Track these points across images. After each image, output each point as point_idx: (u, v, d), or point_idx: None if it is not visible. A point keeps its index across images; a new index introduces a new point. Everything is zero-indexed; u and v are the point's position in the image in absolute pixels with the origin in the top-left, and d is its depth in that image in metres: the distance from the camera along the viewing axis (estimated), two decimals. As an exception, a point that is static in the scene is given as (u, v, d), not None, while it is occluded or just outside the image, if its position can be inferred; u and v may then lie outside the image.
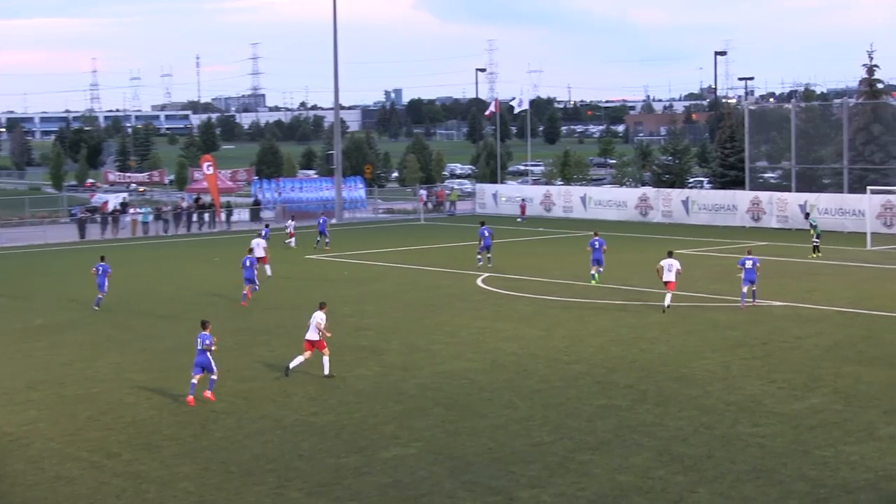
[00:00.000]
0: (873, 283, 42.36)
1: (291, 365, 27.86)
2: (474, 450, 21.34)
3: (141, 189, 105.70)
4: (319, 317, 27.88)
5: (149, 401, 25.82)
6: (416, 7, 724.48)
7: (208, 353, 25.44)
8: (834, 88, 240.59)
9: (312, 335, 27.80)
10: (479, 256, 49.13)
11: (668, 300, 36.25)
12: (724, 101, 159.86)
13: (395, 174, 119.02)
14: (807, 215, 54.62)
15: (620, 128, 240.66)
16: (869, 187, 59.02)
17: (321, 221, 59.57)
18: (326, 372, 27.70)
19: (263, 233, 50.54)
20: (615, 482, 19.37)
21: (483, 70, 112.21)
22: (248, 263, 40.18)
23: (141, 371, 29.11)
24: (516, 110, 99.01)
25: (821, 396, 24.74)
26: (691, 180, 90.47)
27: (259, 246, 45.15)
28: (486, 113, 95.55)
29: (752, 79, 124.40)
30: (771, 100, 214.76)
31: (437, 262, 51.28)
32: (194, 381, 25.49)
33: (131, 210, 76.72)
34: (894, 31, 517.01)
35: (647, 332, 32.69)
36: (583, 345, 31.13)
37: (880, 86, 77.02)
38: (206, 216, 76.87)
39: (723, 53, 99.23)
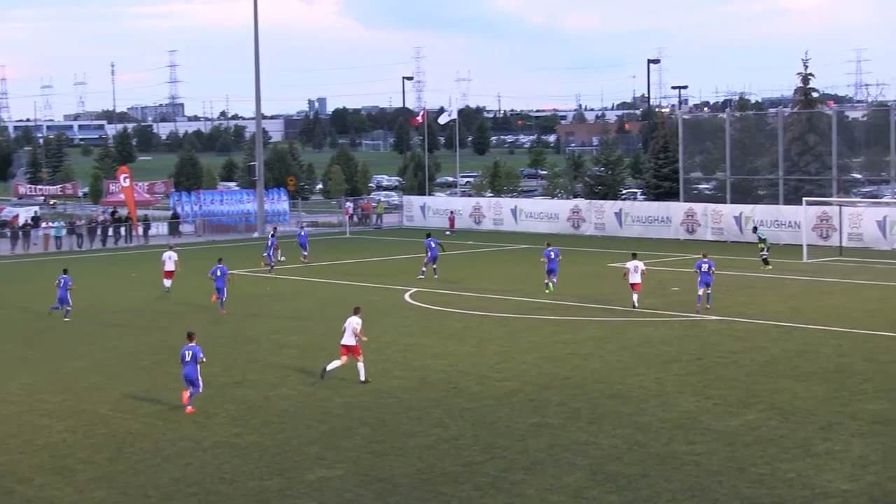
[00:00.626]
0: (809, 296, 42.28)
1: (328, 367, 28.26)
2: (402, 471, 20.74)
3: (53, 202, 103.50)
4: (355, 322, 28.11)
5: (62, 422, 24.98)
6: (341, 14, 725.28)
7: (198, 366, 25.41)
8: (769, 97, 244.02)
9: (349, 340, 28.07)
10: (424, 269, 48.82)
11: (635, 299, 38.28)
12: (657, 110, 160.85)
13: (320, 186, 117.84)
14: (755, 229, 54.48)
15: (552, 138, 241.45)
16: (805, 198, 59.22)
17: (302, 234, 58.01)
18: (362, 378, 27.96)
19: (271, 240, 52.86)
20: (548, 502, 18.91)
21: (410, 78, 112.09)
22: (219, 273, 40.81)
23: (53, 392, 28.17)
24: (445, 121, 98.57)
25: (757, 413, 24.40)
26: (624, 192, 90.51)
27: (170, 259, 45.70)
28: (415, 119, 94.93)
29: (685, 87, 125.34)
30: (705, 109, 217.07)
31: (363, 277, 50.56)
32: (187, 393, 25.51)
33: (43, 224, 75.13)
34: (829, 40, 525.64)
35: (581, 348, 32.21)
36: (515, 361, 30.57)
37: (815, 95, 77.46)
38: (123, 230, 75.21)
39: (656, 61, 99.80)
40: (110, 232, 74.21)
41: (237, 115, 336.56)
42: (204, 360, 25.69)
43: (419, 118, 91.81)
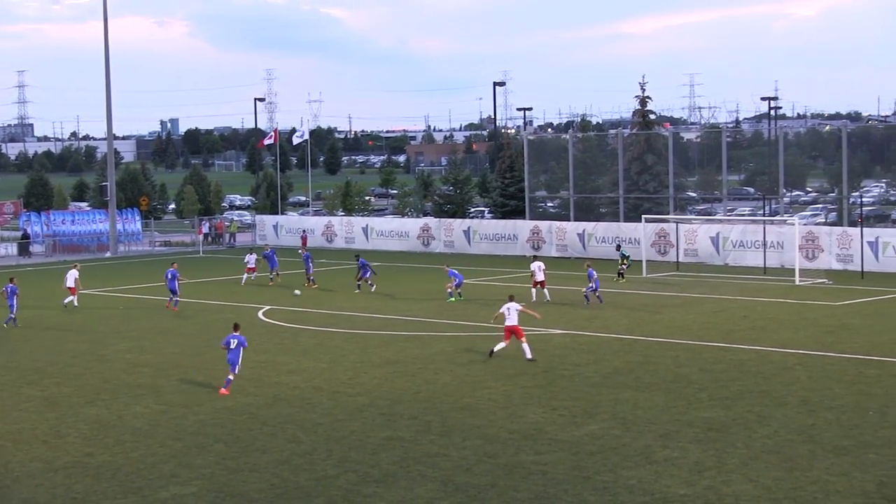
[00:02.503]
0: (649, 309, 43.56)
1: (495, 349, 31.99)
2: (256, 486, 20.89)
3: None
4: (515, 306, 32.06)
5: None
6: (192, 35, 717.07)
7: (241, 352, 29.00)
8: (609, 119, 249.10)
9: (512, 321, 31.66)
10: (360, 283, 50.42)
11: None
12: (503, 131, 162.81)
13: (173, 206, 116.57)
14: (618, 247, 55.69)
15: (402, 158, 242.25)
16: (644, 216, 60.79)
17: (306, 256, 55.83)
18: (529, 356, 31.64)
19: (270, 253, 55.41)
20: (400, 515, 19.18)
21: (262, 100, 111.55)
22: (169, 276, 44.32)
23: None
24: (296, 141, 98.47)
25: (600, 422, 25.15)
26: (472, 210, 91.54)
27: (72, 277, 46.68)
28: (261, 142, 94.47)
29: (530, 109, 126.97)
30: (549, 130, 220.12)
31: (216, 296, 50.40)
32: (230, 377, 28.77)
33: None
34: (665, 64, 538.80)
35: (431, 363, 32.74)
36: (367, 376, 30.94)
37: (653, 116, 79.68)
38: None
39: (502, 84, 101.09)
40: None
41: (88, 135, 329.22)
42: (247, 345, 29.62)
43: (266, 140, 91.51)
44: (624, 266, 52.93)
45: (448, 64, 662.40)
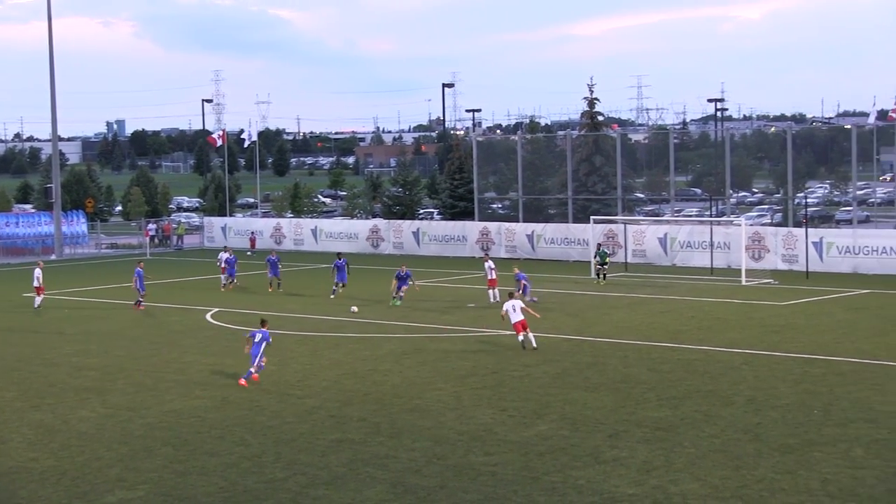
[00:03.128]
0: (597, 310, 43.77)
1: (520, 339, 34.08)
2: (205, 490, 20.78)
3: None
4: (518, 304, 34.42)
5: None
6: (139, 36, 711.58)
7: (263, 346, 30.00)
8: (558, 120, 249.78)
9: (518, 317, 33.96)
10: (336, 289, 49.47)
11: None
12: (452, 132, 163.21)
13: (119, 208, 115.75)
14: (598, 246, 55.35)
15: (351, 159, 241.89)
16: (592, 217, 61.08)
17: (274, 260, 53.86)
18: (534, 345, 33.92)
19: (230, 258, 53.03)
20: (350, 517, 19.13)
21: (209, 101, 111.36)
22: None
23: None
24: (246, 143, 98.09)
25: (549, 423, 25.24)
26: (422, 212, 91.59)
27: (38, 278, 47.07)
28: (212, 137, 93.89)
29: (479, 111, 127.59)
30: (498, 131, 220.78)
31: (164, 298, 50.04)
32: (251, 369, 29.80)
33: None
34: (613, 66, 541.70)
35: (381, 365, 32.73)
36: (316, 378, 30.87)
37: (601, 118, 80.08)
38: None
39: (450, 85, 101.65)
40: None
41: (32, 136, 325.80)
42: (271, 342, 30.45)
43: (216, 136, 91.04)
44: (604, 266, 52.55)
45: (397, 65, 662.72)
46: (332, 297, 48.77)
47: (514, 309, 34.27)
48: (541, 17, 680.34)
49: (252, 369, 29.98)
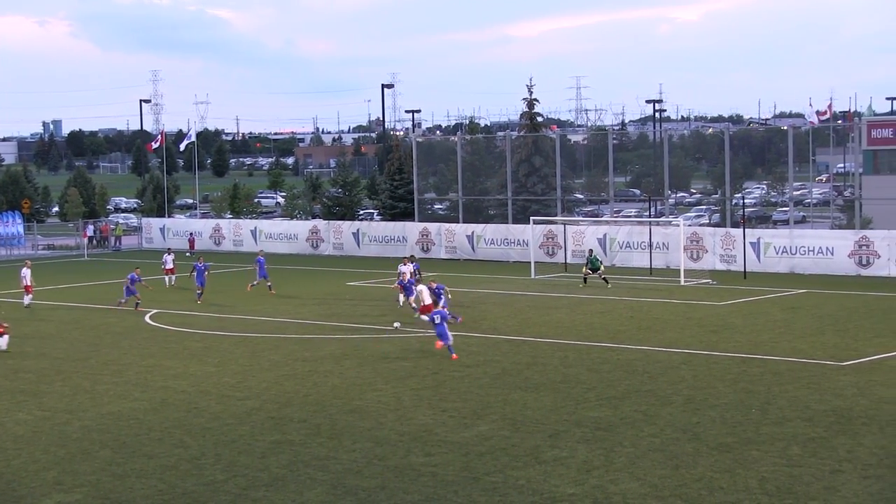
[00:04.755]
0: (537, 310, 43.92)
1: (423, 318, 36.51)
2: (143, 492, 20.63)
3: None
4: (426, 289, 38.00)
5: None
6: (76, 35, 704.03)
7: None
8: (497, 121, 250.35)
9: (427, 300, 37.62)
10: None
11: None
12: (391, 133, 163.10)
13: (56, 209, 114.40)
14: (590, 252, 54.99)
15: (290, 160, 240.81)
16: (532, 218, 61.26)
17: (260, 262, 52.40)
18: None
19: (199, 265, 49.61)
20: (290, 519, 19.09)
21: (147, 101, 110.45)
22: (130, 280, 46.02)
23: None
24: (183, 145, 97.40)
25: (489, 423, 25.29)
26: (361, 212, 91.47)
27: (26, 277, 47.82)
28: (150, 145, 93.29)
29: (419, 111, 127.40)
30: (437, 132, 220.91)
31: (102, 300, 49.58)
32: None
33: None
34: (551, 67, 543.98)
35: (321, 366, 32.64)
36: (255, 380, 30.74)
37: (540, 119, 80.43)
38: None
39: (390, 86, 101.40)
40: None
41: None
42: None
43: (154, 143, 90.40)
44: (590, 272, 51.40)
45: (336, 66, 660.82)
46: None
47: (425, 293, 35.90)
48: (480, 18, 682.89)
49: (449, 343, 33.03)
